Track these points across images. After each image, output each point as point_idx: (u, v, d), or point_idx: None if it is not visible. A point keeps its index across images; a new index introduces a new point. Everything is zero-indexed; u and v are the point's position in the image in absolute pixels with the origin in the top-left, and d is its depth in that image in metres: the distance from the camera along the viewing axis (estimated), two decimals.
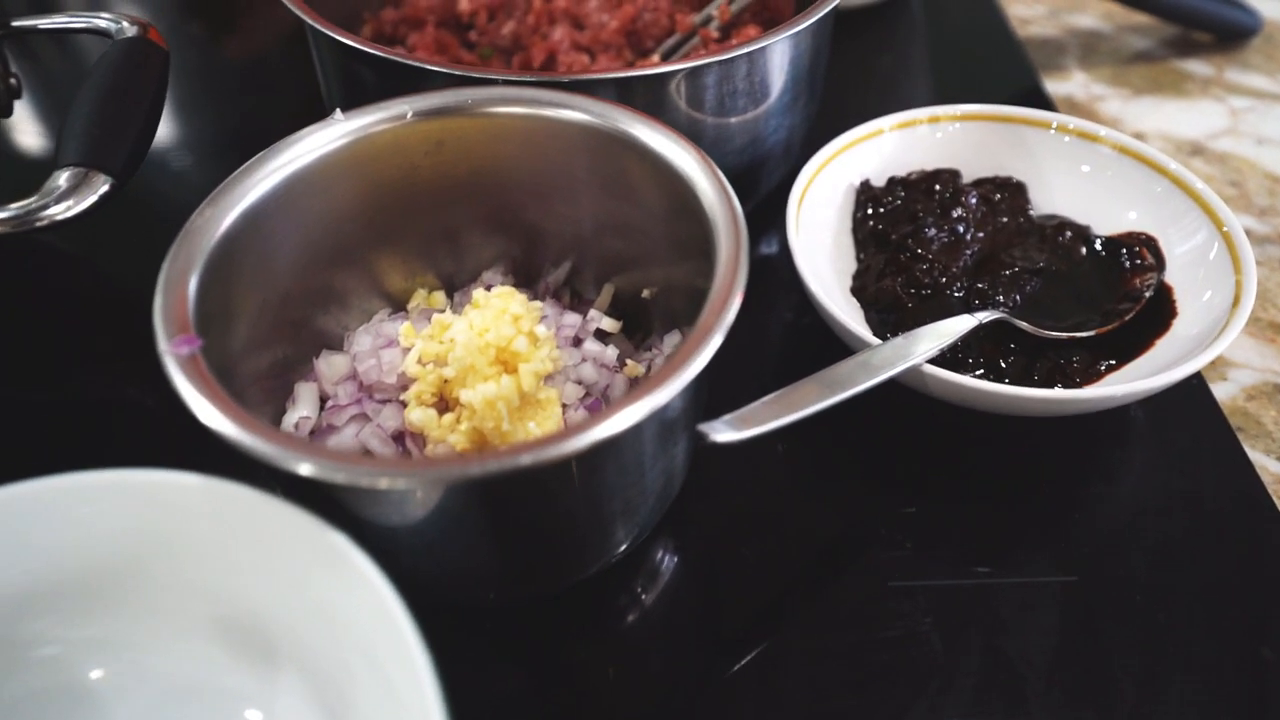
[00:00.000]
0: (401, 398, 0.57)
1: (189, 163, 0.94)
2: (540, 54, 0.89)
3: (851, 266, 0.73)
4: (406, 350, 0.58)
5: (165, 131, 0.99)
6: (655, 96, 0.66)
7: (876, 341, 0.59)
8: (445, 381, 0.56)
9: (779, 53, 0.68)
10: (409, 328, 0.58)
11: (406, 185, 0.63)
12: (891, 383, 0.56)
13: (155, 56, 0.63)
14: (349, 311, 0.65)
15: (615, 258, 0.66)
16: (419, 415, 0.55)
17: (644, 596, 0.58)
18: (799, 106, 0.76)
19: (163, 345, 0.46)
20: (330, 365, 0.60)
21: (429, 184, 0.63)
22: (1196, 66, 0.98)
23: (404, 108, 0.60)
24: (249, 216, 0.54)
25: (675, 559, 0.61)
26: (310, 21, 0.67)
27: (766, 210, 0.81)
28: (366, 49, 0.64)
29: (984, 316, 0.63)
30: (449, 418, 0.55)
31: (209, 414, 0.43)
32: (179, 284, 0.48)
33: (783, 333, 0.75)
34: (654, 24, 0.87)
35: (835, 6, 0.69)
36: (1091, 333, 0.64)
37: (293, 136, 0.57)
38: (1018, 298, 0.67)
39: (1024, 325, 0.64)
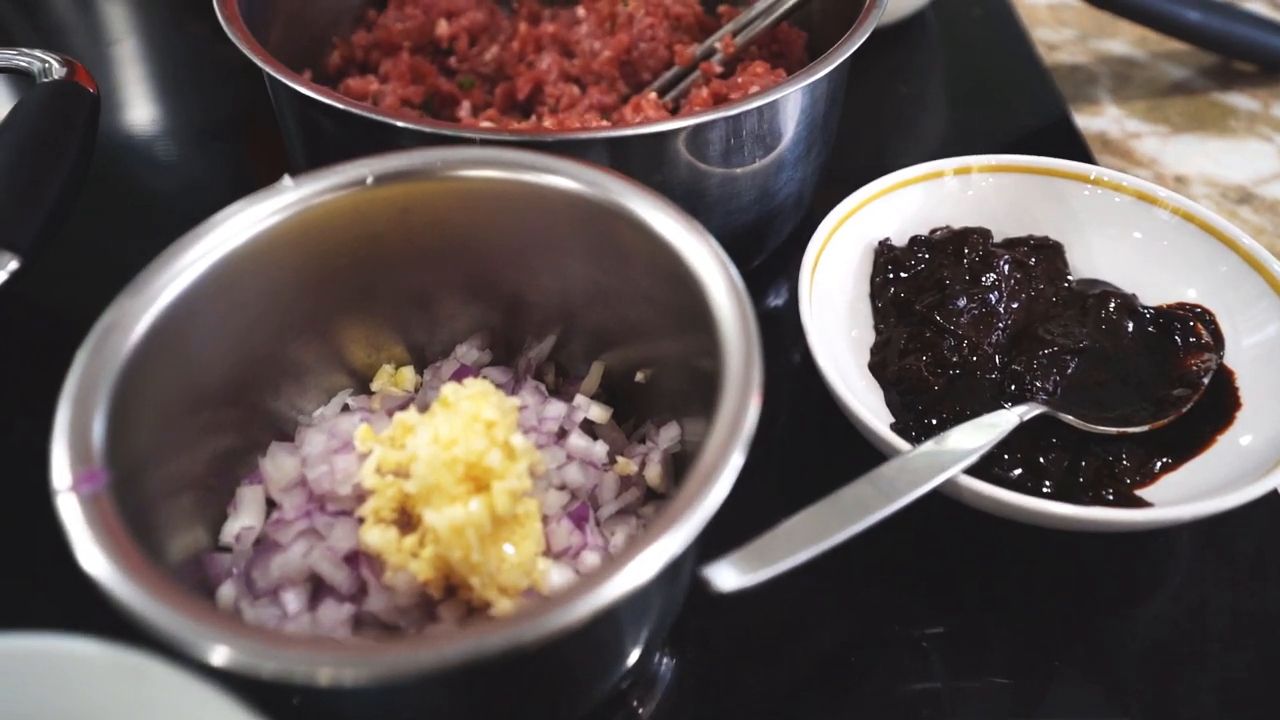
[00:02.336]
0: (358, 513, 0.49)
1: (179, 156, 0.87)
2: (526, 84, 0.81)
3: (869, 337, 0.65)
4: (364, 456, 0.50)
5: (162, 125, 0.93)
6: (653, 150, 0.59)
7: (905, 447, 0.51)
8: (408, 495, 0.48)
9: (792, 103, 0.61)
10: (366, 430, 0.50)
11: (368, 254, 0.55)
12: None
13: (81, 102, 0.55)
14: (305, 391, 0.58)
15: (605, 331, 0.58)
16: (376, 536, 0.47)
17: None
18: (812, 156, 0.68)
19: (58, 483, 0.38)
20: (278, 467, 0.52)
21: (393, 252, 0.56)
22: (1240, 100, 0.91)
23: (364, 171, 0.52)
24: (175, 310, 0.46)
25: (673, 684, 0.53)
26: (262, 65, 0.59)
27: (774, 257, 0.74)
28: (324, 100, 0.57)
29: (1024, 411, 0.55)
30: (411, 540, 0.47)
31: (109, 576, 0.36)
32: (84, 406, 0.41)
33: (790, 403, 0.67)
34: (650, 54, 0.79)
35: (854, 53, 0.61)
36: (1145, 428, 0.56)
37: (229, 209, 0.49)
38: (1057, 379, 0.60)
39: (1070, 419, 0.56)
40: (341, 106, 0.56)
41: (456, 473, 0.46)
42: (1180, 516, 0.48)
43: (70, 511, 0.37)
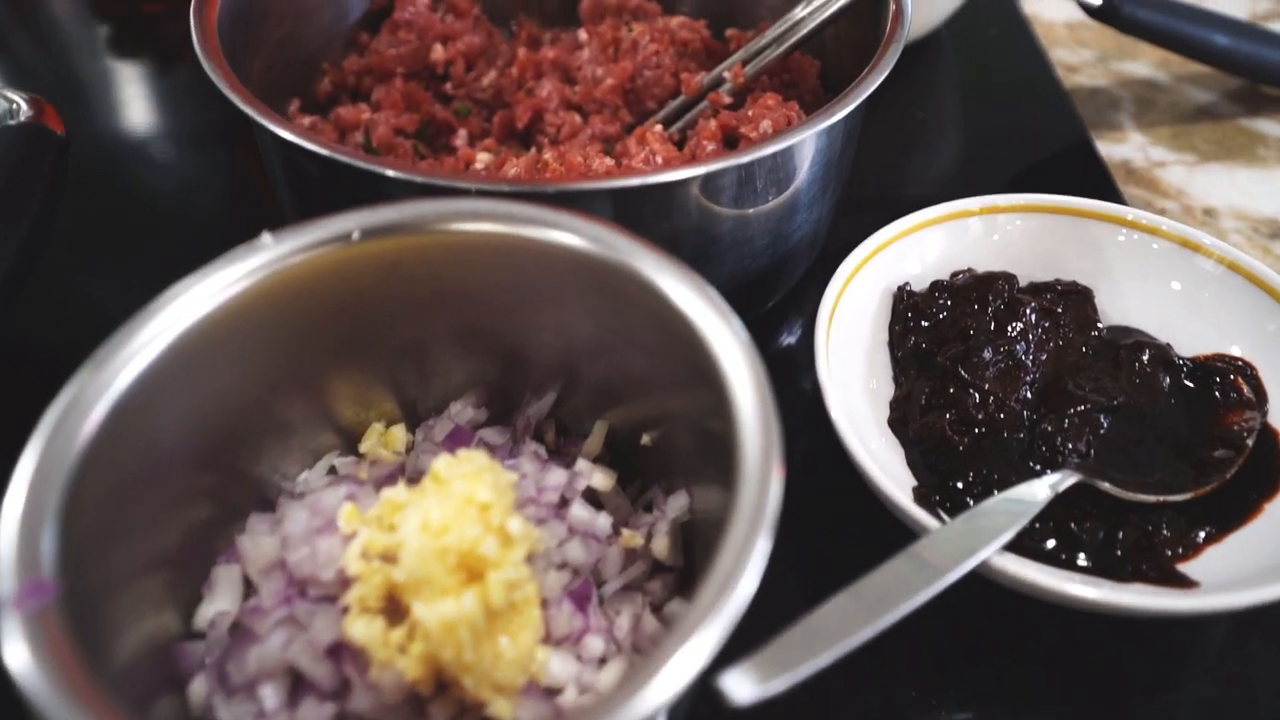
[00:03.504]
0: (342, 601, 0.45)
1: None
2: (525, 112, 0.77)
3: (887, 389, 0.61)
4: (349, 537, 0.46)
5: (159, 124, 0.90)
6: (661, 198, 0.55)
7: (933, 524, 0.48)
8: (396, 582, 0.44)
9: (808, 145, 0.57)
10: (352, 511, 0.46)
11: (354, 311, 0.52)
12: None
13: (48, 147, 0.52)
14: (289, 453, 0.54)
15: (608, 388, 0.55)
16: (361, 628, 0.43)
17: None
18: (827, 195, 0.65)
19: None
20: (256, 546, 0.48)
21: (382, 308, 0.52)
22: (1269, 127, 0.87)
23: (349, 225, 0.49)
24: (141, 384, 0.42)
25: None
26: (242, 106, 0.55)
27: (787, 293, 0.70)
28: (309, 146, 0.53)
29: (1058, 481, 0.52)
30: (399, 633, 0.43)
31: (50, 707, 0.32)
32: (35, 506, 0.37)
33: (802, 445, 0.63)
34: (655, 82, 0.75)
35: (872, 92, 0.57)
36: (1188, 496, 0.53)
37: (202, 271, 0.45)
38: (1090, 439, 0.56)
39: (1107, 487, 0.53)
40: (326, 153, 0.52)
41: (448, 563, 0.42)
42: (1233, 605, 0.45)
43: (10, 632, 0.33)
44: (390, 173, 0.52)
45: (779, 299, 0.70)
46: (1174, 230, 0.61)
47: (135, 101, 0.94)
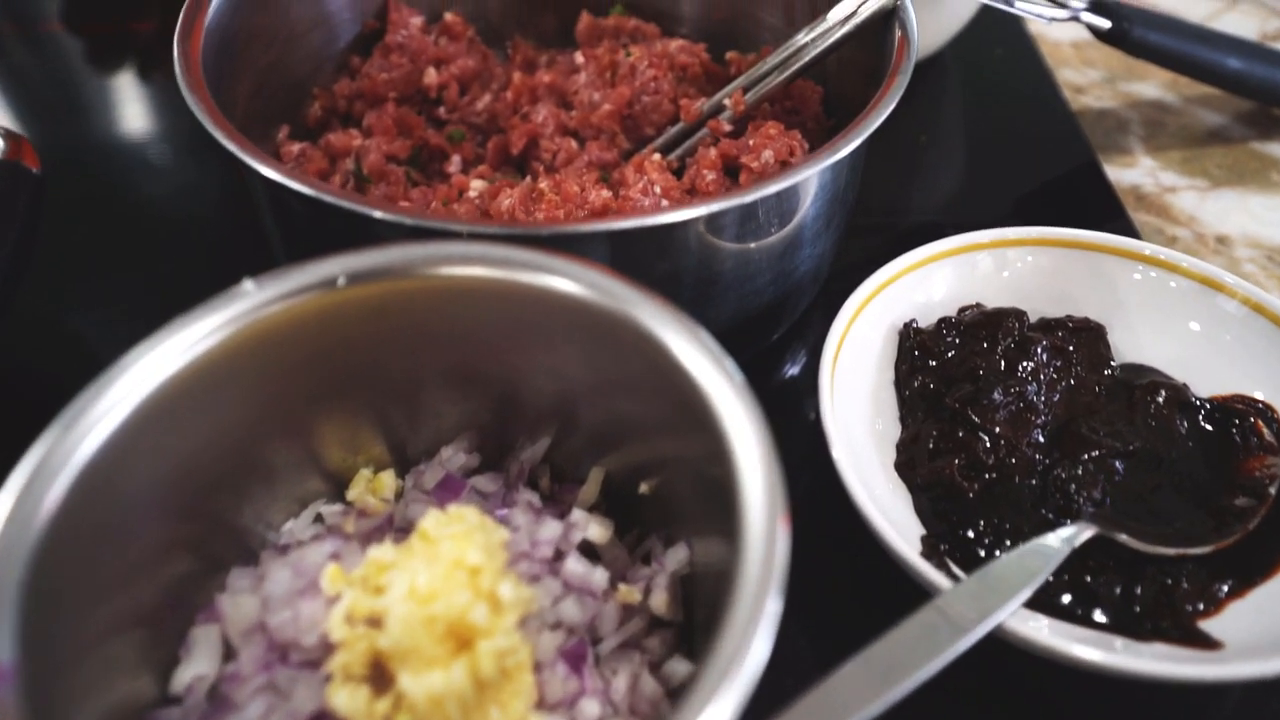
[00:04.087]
0: (325, 667, 0.43)
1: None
2: (520, 138, 0.75)
3: (894, 430, 0.59)
4: (333, 600, 0.44)
5: (148, 138, 0.89)
6: (660, 239, 0.53)
7: (944, 584, 0.46)
8: (381, 648, 0.42)
9: (813, 182, 0.55)
10: (335, 572, 0.44)
11: (340, 355, 0.50)
12: None
13: (22, 185, 0.49)
14: (274, 501, 0.52)
15: (604, 433, 0.53)
16: (345, 698, 0.41)
17: None
18: (831, 229, 0.63)
19: None
20: (236, 606, 0.46)
21: (368, 352, 0.50)
22: None
23: (335, 270, 0.47)
24: (114, 442, 0.40)
25: None
26: (224, 142, 0.53)
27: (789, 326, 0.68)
28: (294, 186, 0.51)
29: (1074, 535, 0.50)
30: (384, 703, 0.41)
31: None
32: None
33: (805, 490, 0.60)
34: (654, 108, 0.73)
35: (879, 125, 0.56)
36: (1209, 549, 0.51)
37: (178, 322, 0.43)
38: (1105, 486, 0.54)
39: (1125, 539, 0.51)
40: (311, 194, 0.50)
41: (436, 632, 0.40)
42: (1262, 674, 0.42)
43: None
44: (378, 214, 0.50)
45: (782, 332, 0.68)
46: (1194, 268, 0.59)
47: (121, 116, 0.92)
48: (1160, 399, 0.57)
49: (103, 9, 1.03)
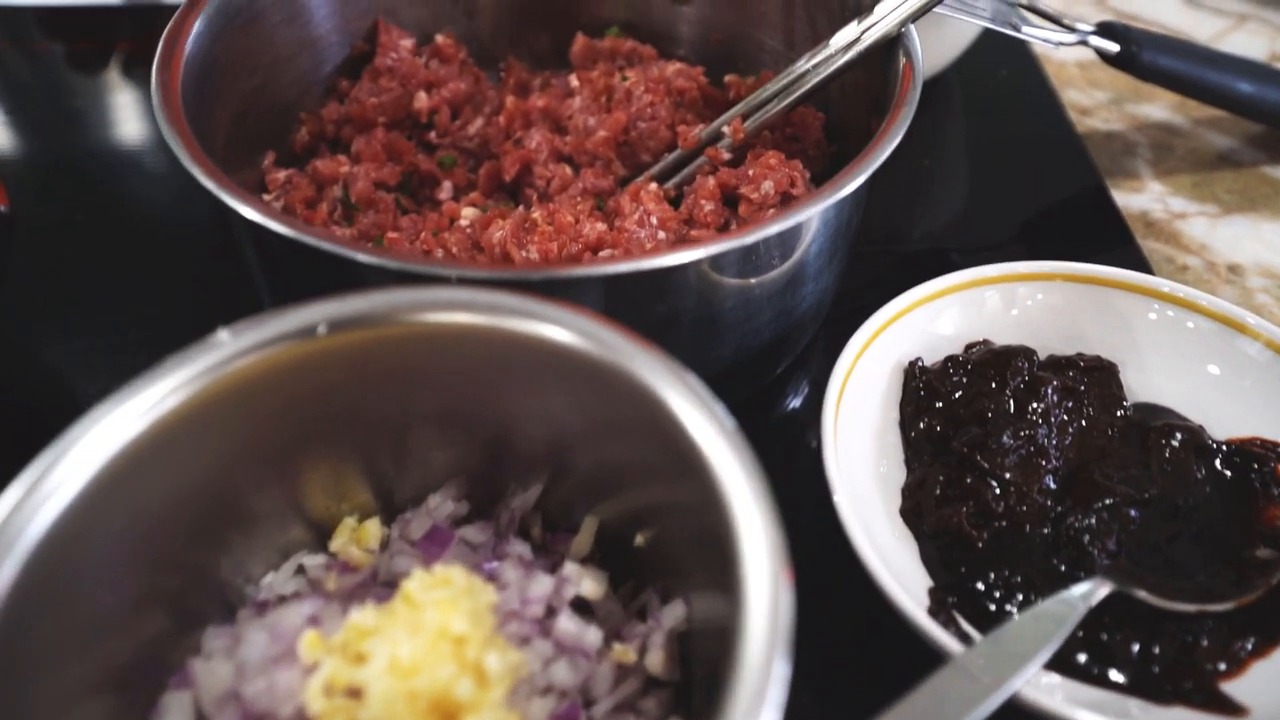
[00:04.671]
0: None
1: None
2: (513, 164, 0.73)
3: (899, 474, 0.57)
4: (311, 669, 0.42)
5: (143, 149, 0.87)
6: (658, 282, 0.51)
7: (955, 648, 0.43)
8: None
9: (816, 219, 0.53)
10: (314, 639, 0.42)
11: (322, 402, 0.47)
12: None
13: None
14: (255, 551, 0.50)
15: (597, 481, 0.51)
16: None
17: None
18: (834, 264, 0.61)
19: None
20: (210, 672, 0.44)
21: (352, 399, 0.48)
22: None
23: (315, 317, 0.44)
24: (72, 512, 0.38)
25: None
26: (204, 180, 0.50)
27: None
28: (276, 228, 0.48)
29: (1089, 591, 0.47)
30: None
31: None
32: None
33: (808, 519, 0.58)
34: (651, 134, 0.71)
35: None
36: (1230, 605, 0.49)
37: (150, 375, 0.41)
38: (1119, 536, 0.52)
39: (1144, 596, 0.48)
40: (292, 235, 0.48)
41: (418, 708, 0.38)
42: None
43: None
44: (363, 258, 0.47)
45: (784, 367, 0.66)
46: (1214, 307, 0.56)
47: (104, 138, 0.90)
48: (1176, 442, 0.55)
49: (87, 26, 1.00)
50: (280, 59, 0.72)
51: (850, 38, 0.62)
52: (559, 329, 0.44)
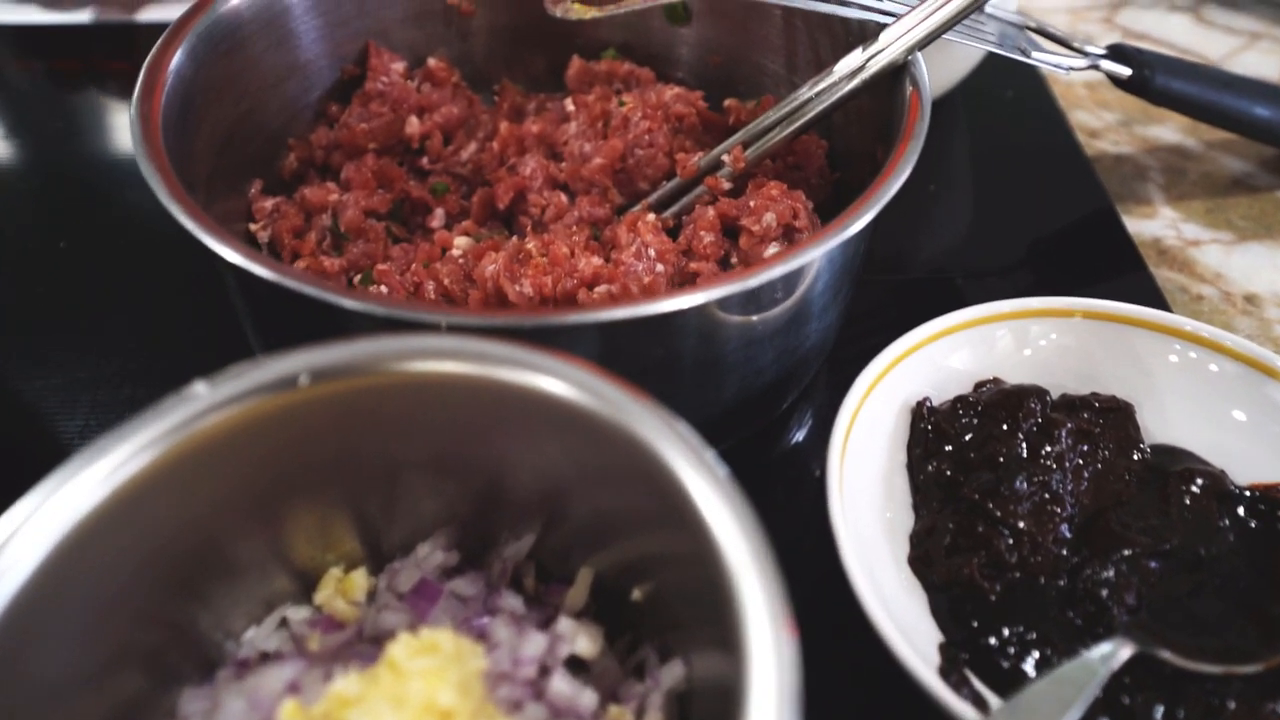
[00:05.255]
0: None
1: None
2: (507, 191, 0.71)
3: (906, 519, 0.55)
4: None
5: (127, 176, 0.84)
6: (657, 328, 0.49)
7: (966, 711, 0.41)
8: None
9: (824, 259, 0.51)
10: (293, 708, 0.40)
11: (306, 452, 0.45)
12: None
13: None
14: (236, 604, 0.48)
15: (592, 530, 0.49)
16: None
17: None
18: (839, 300, 0.59)
19: None
20: None
21: (337, 448, 0.46)
22: None
23: (296, 367, 0.42)
24: (23, 595, 0.36)
25: None
26: (184, 220, 0.48)
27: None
28: (258, 271, 0.46)
29: (1110, 653, 0.45)
30: None
31: None
32: None
33: (812, 597, 0.56)
34: (648, 162, 0.69)
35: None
36: (1259, 667, 0.46)
37: (118, 433, 0.39)
38: (1139, 590, 0.49)
39: (1167, 656, 0.46)
40: (274, 279, 0.46)
41: None
42: None
43: None
44: (348, 304, 0.45)
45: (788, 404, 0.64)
46: (1242, 349, 0.54)
47: (88, 163, 0.88)
48: (1196, 488, 0.53)
49: (66, 45, 0.98)
50: (267, 84, 0.70)
51: (855, 65, 0.60)
52: (550, 379, 0.42)
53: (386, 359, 0.43)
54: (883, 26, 0.60)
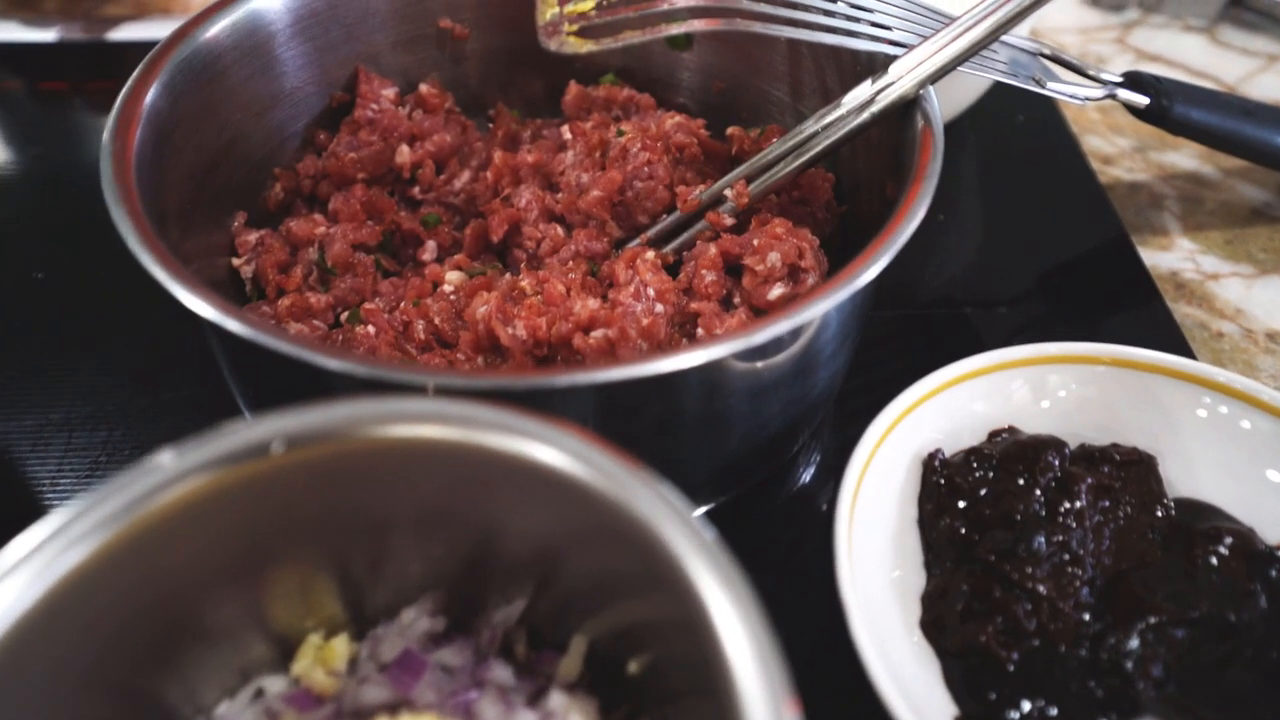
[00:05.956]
0: None
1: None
2: (501, 224, 0.69)
3: (918, 579, 0.52)
4: None
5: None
6: (656, 387, 0.46)
7: None
8: None
9: (834, 309, 0.48)
10: None
11: (282, 519, 0.43)
12: None
13: None
14: (210, 674, 0.46)
15: (585, 596, 0.46)
16: None
17: None
18: (847, 345, 0.56)
19: None
20: None
21: (316, 513, 0.43)
22: None
23: (269, 433, 0.40)
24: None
25: None
26: (154, 269, 0.46)
27: None
28: (229, 325, 0.44)
29: None
30: None
31: None
32: None
33: (817, 656, 0.53)
34: (648, 195, 0.66)
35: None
36: None
37: (70, 512, 0.36)
38: (1166, 661, 0.47)
39: None
40: (249, 336, 0.43)
41: None
42: None
43: None
44: (328, 364, 0.42)
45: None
46: (1274, 399, 0.51)
47: (70, 185, 0.85)
48: (1224, 548, 0.50)
49: (55, 65, 0.96)
50: (251, 113, 0.67)
51: (863, 98, 0.58)
52: (539, 445, 0.39)
53: (367, 423, 0.40)
54: (892, 58, 0.57)
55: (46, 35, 0.96)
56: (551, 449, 0.39)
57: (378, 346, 0.61)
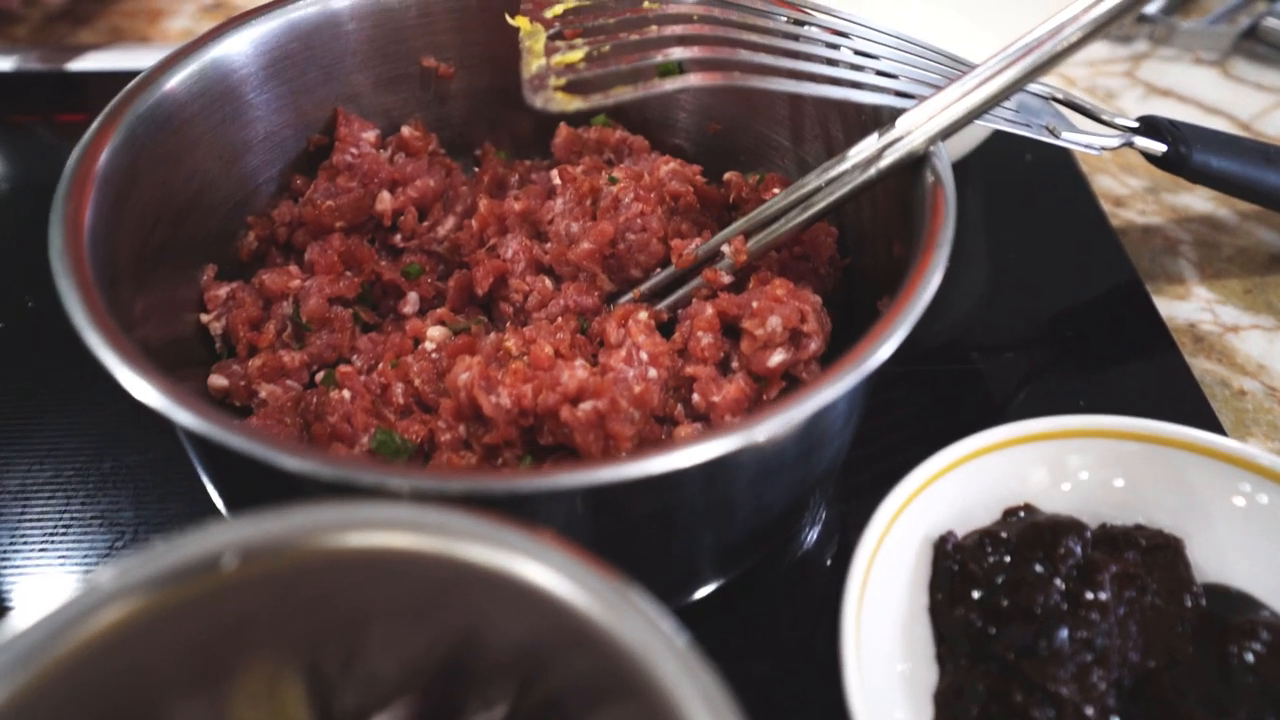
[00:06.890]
0: None
1: None
2: (486, 276, 0.65)
3: (928, 674, 0.49)
4: None
5: None
6: (653, 487, 0.42)
7: None
8: None
9: (841, 397, 0.44)
10: None
11: (238, 634, 0.39)
12: None
13: None
14: None
15: (571, 703, 0.42)
16: None
17: None
18: (854, 419, 0.52)
19: None
20: None
21: (274, 629, 0.40)
22: None
23: (219, 545, 0.36)
24: None
25: None
26: (99, 351, 0.42)
27: None
28: (180, 419, 0.40)
29: None
30: None
31: None
32: None
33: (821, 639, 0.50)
34: (641, 248, 0.63)
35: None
36: None
37: None
38: None
39: None
40: (206, 434, 0.39)
41: None
42: None
43: None
44: (288, 463, 0.39)
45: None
46: None
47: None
48: (1261, 645, 0.46)
49: (28, 99, 0.92)
50: (222, 162, 0.63)
51: (870, 152, 0.54)
52: (521, 560, 0.36)
53: (331, 531, 0.37)
54: (899, 110, 0.54)
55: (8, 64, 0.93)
56: (534, 563, 0.36)
57: (353, 413, 0.57)
